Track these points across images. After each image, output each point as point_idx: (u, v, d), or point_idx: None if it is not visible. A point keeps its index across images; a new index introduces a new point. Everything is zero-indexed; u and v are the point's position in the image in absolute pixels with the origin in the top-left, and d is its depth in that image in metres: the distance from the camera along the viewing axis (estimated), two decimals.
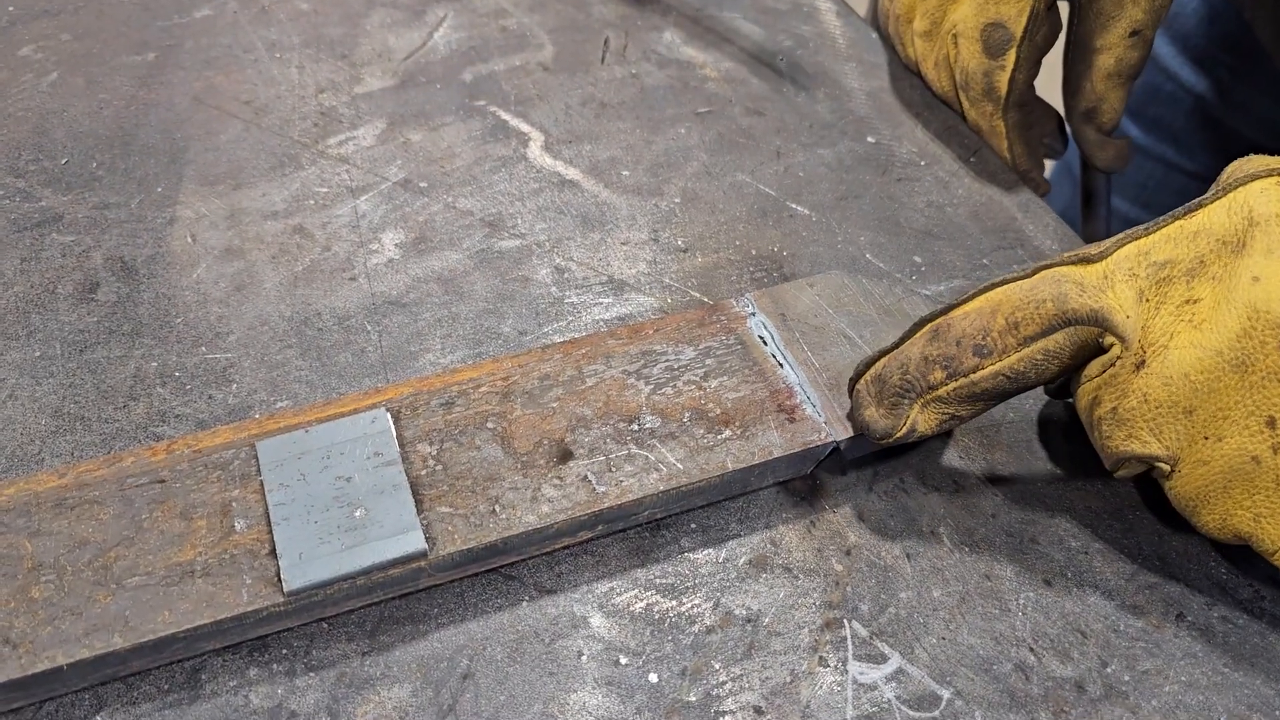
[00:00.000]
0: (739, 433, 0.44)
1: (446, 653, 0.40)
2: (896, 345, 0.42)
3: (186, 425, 0.46)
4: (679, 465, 0.42)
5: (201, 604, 0.37)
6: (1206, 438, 0.38)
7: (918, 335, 0.42)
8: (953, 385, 0.40)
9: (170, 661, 0.38)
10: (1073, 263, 0.40)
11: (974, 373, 0.40)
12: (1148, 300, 0.39)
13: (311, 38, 0.69)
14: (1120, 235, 0.40)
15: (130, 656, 0.37)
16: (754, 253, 0.56)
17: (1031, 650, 0.41)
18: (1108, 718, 0.39)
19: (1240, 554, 0.44)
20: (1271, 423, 0.37)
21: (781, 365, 0.46)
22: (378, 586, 0.39)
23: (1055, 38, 0.59)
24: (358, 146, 0.61)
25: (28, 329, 0.50)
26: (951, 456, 0.47)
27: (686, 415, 0.44)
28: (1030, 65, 0.59)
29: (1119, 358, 0.39)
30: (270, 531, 0.39)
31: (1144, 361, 0.39)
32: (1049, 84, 0.61)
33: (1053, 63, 0.61)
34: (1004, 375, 0.40)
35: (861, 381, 0.43)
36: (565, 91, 0.66)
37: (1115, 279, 0.39)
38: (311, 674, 0.39)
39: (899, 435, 0.42)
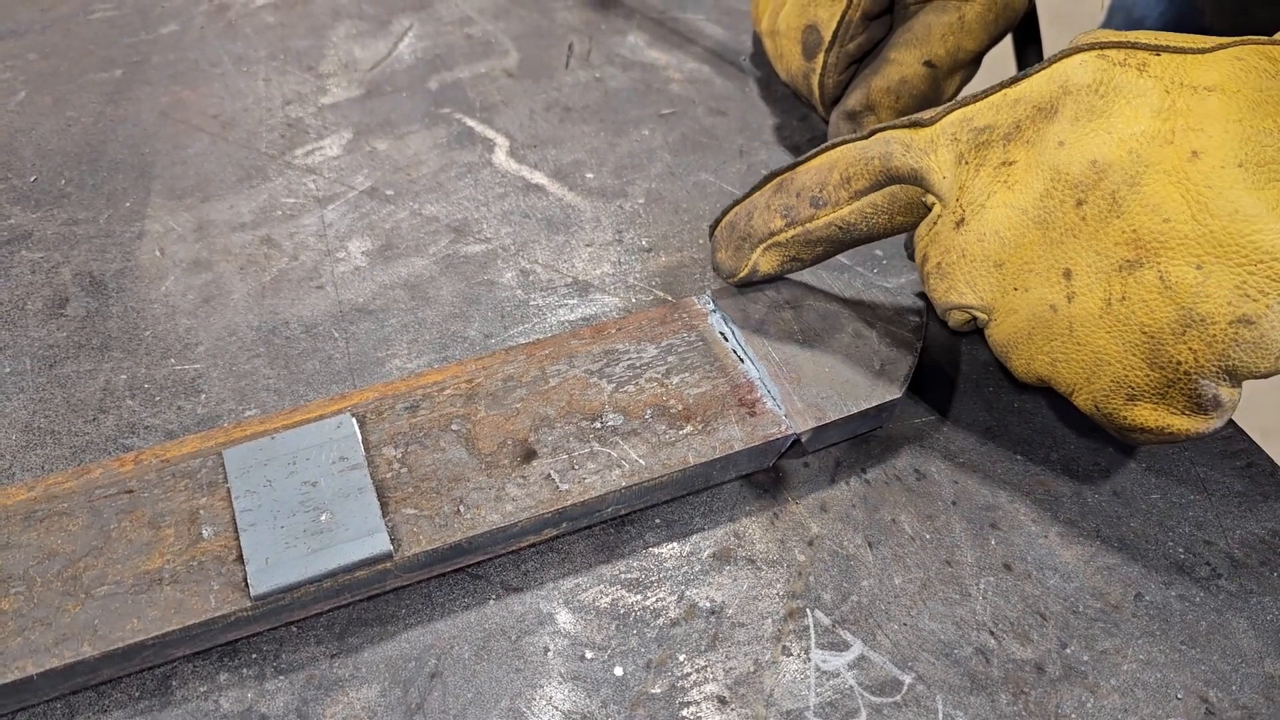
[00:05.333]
0: (700, 428, 0.44)
1: (414, 652, 0.40)
2: (746, 195, 0.47)
3: (156, 436, 0.47)
4: (641, 461, 0.43)
5: (170, 611, 0.38)
6: (1015, 289, 0.41)
7: (765, 187, 0.47)
8: (791, 232, 0.46)
9: (141, 669, 0.39)
10: (905, 126, 0.43)
11: (810, 221, 0.45)
12: (967, 163, 0.42)
13: (278, 50, 0.69)
14: (951, 102, 0.43)
15: (100, 665, 0.37)
16: None
17: (992, 633, 0.41)
18: (1067, 697, 0.40)
19: (1198, 528, 0.45)
20: (1067, 274, 0.40)
21: (742, 360, 0.47)
22: (345, 589, 0.40)
23: (871, 48, 0.58)
24: (324, 157, 0.61)
25: None
26: (912, 446, 0.48)
27: (648, 412, 0.45)
28: (839, 71, 0.58)
29: (940, 216, 0.43)
30: (237, 537, 0.40)
31: (964, 219, 0.42)
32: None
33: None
34: (836, 225, 0.45)
35: (718, 228, 0.49)
36: (530, 97, 0.66)
37: (939, 142, 0.42)
38: (281, 677, 0.39)
39: (742, 275, 0.48)
